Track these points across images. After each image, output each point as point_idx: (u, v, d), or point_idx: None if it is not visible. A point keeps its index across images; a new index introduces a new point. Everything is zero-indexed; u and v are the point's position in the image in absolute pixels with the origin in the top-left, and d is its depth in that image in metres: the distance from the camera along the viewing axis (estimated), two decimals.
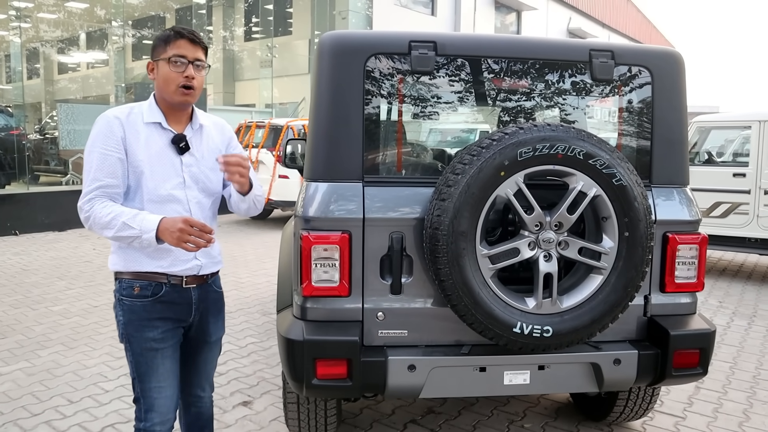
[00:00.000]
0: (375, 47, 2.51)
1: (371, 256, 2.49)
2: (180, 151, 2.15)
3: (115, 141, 2.06)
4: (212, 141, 2.26)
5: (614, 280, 2.37)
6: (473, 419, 3.47)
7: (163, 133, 2.14)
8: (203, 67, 2.14)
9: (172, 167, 2.13)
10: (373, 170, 2.56)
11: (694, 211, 2.71)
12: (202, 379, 2.42)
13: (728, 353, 4.68)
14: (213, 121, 2.33)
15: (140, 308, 2.14)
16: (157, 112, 2.15)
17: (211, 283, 2.31)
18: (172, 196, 2.12)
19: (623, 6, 34.82)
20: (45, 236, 9.52)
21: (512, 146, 2.24)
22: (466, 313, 2.30)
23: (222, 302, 2.40)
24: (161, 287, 2.15)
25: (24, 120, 12.99)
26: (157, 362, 2.17)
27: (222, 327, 2.42)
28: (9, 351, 4.51)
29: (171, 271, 2.14)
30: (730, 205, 6.93)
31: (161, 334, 2.16)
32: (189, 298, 2.21)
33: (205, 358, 2.39)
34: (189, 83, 2.09)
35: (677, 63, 2.73)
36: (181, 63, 2.08)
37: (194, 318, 2.26)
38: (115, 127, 2.07)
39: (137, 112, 2.14)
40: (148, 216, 2.02)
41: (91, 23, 19.09)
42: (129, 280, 2.15)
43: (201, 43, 2.13)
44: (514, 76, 2.73)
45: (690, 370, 2.63)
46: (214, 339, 2.39)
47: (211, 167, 2.21)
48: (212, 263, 2.26)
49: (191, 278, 2.20)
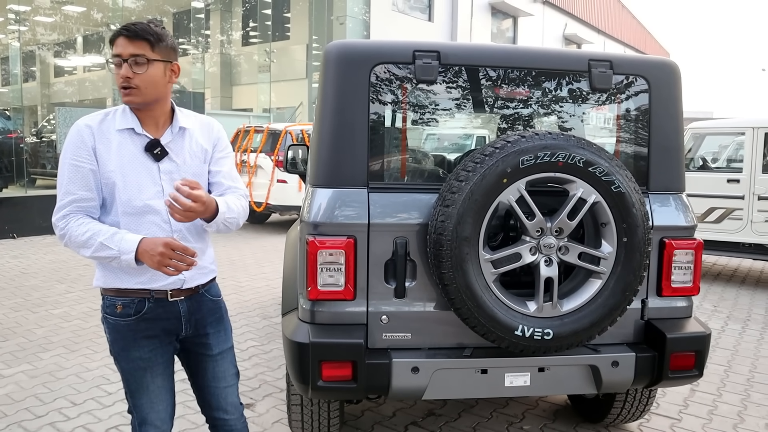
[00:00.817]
0: (380, 56, 2.57)
1: (376, 260, 2.54)
2: (156, 157, 1.99)
3: (86, 151, 1.94)
4: (195, 144, 2.09)
5: (613, 285, 2.44)
6: (473, 421, 3.53)
7: (137, 139, 1.99)
8: (142, 63, 1.92)
9: (148, 176, 1.98)
10: (378, 177, 2.61)
11: (690, 217, 2.78)
12: (220, 399, 2.23)
13: (723, 356, 4.75)
14: (200, 121, 2.15)
15: (124, 327, 2.03)
16: (130, 117, 1.99)
17: (204, 293, 2.16)
18: (149, 207, 1.98)
19: (619, 13, 35.06)
20: (43, 239, 9.55)
21: (514, 154, 2.30)
22: (469, 317, 2.36)
23: (221, 311, 2.23)
24: (144, 303, 2.02)
25: (21, 123, 13.01)
26: (146, 380, 2.07)
27: (225, 338, 2.23)
28: (11, 354, 4.55)
29: (152, 286, 2.01)
30: (725, 210, 7.01)
31: (149, 353, 2.06)
32: (177, 311, 2.08)
33: (214, 374, 2.21)
34: (125, 83, 1.91)
35: (673, 73, 2.80)
36: (118, 63, 1.93)
37: (187, 331, 2.12)
38: (86, 136, 1.95)
39: (111, 119, 2.00)
40: (126, 236, 1.91)
41: (88, 27, 19.13)
42: (111, 298, 2.03)
43: (139, 36, 1.91)
44: (515, 85, 2.80)
45: (686, 372, 2.69)
46: (217, 351, 2.20)
47: (195, 173, 2.06)
48: (200, 275, 2.11)
49: (176, 291, 2.06)
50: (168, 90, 2.04)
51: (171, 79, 2.02)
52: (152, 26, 1.95)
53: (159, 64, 1.96)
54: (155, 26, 1.96)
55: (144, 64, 1.92)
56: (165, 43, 1.98)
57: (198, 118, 2.17)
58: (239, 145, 10.60)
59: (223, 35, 20.51)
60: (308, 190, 2.66)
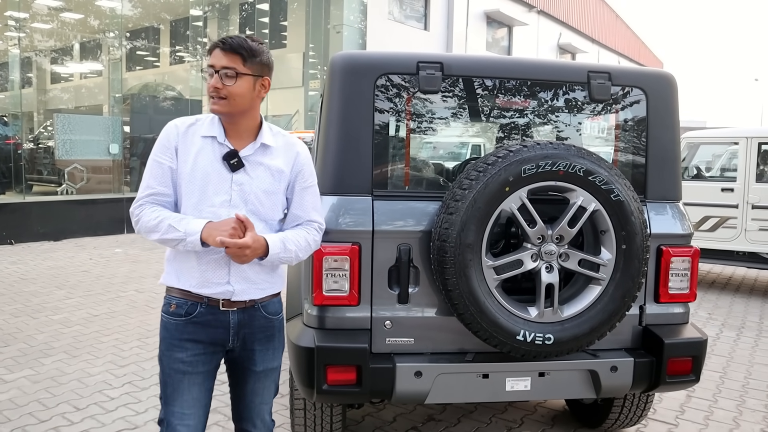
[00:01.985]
0: (384, 67, 2.63)
1: (380, 266, 2.59)
2: (231, 167, 2.03)
3: (169, 150, 2.04)
4: (275, 162, 2.09)
5: (612, 291, 2.50)
6: (472, 426, 3.57)
7: (218, 147, 2.04)
8: (232, 75, 1.97)
9: (220, 184, 2.02)
10: (382, 185, 2.67)
11: (686, 225, 2.85)
12: (253, 413, 2.24)
13: (718, 363, 4.81)
14: (286, 141, 2.15)
15: (173, 326, 2.07)
16: (217, 126, 2.06)
17: (260, 308, 2.14)
18: (214, 214, 2.01)
19: (613, 23, 35.33)
20: (41, 245, 9.56)
21: (517, 163, 2.36)
22: (471, 322, 2.41)
23: (274, 330, 2.20)
24: (196, 307, 2.05)
25: (19, 129, 13.03)
26: (183, 386, 2.07)
27: (273, 357, 2.22)
28: (13, 359, 4.57)
29: (202, 292, 2.04)
30: (719, 219, 7.09)
31: (191, 357, 2.07)
32: (227, 321, 2.08)
33: (253, 389, 2.21)
34: (213, 93, 1.99)
35: (670, 84, 2.87)
36: (210, 73, 2.00)
37: (234, 343, 2.12)
38: (172, 136, 2.05)
39: (199, 125, 2.08)
40: (193, 220, 1.98)
41: (85, 34, 19.15)
42: (169, 297, 2.10)
43: (232, 50, 1.97)
44: (516, 96, 2.86)
45: (683, 377, 2.75)
46: (261, 369, 2.19)
47: (266, 190, 2.07)
48: (255, 289, 2.10)
49: (228, 302, 2.07)
50: (256, 104, 2.08)
51: (260, 94, 2.06)
52: (248, 41, 2.00)
53: (249, 77, 2.00)
54: (252, 41, 2.02)
55: (233, 77, 1.98)
56: (258, 59, 2.02)
57: (285, 139, 2.16)
58: None
59: None
60: None
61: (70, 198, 11.16)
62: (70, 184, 11.54)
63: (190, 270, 2.05)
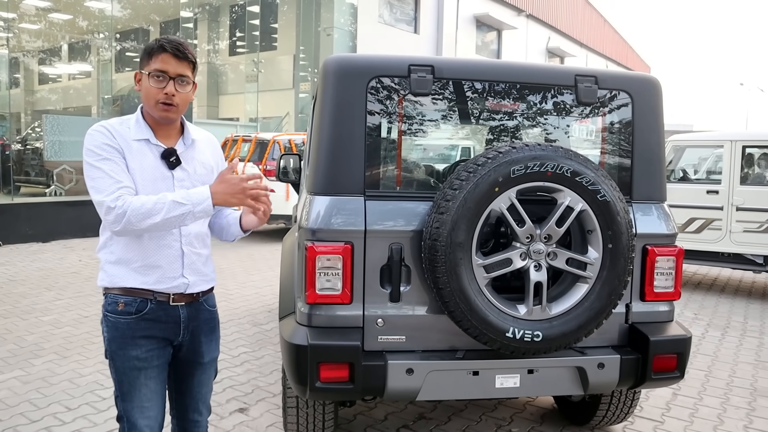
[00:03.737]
0: (377, 70, 2.68)
1: (372, 265, 2.64)
2: (171, 165, 2.08)
3: (116, 151, 2.00)
4: (204, 155, 2.20)
5: (599, 289, 2.56)
6: (463, 424, 3.62)
7: (154, 148, 2.07)
8: (187, 83, 2.04)
9: (164, 183, 2.06)
10: (374, 185, 2.71)
11: (671, 225, 2.91)
12: (198, 402, 2.32)
13: (703, 362, 4.89)
14: (204, 135, 2.26)
15: (124, 325, 2.06)
16: (145, 128, 2.07)
17: (203, 302, 2.22)
18: None
19: (601, 27, 35.60)
20: (29, 247, 9.52)
21: (506, 164, 2.41)
22: (462, 319, 2.46)
23: (215, 322, 2.30)
24: (146, 304, 2.07)
25: (7, 130, 12.96)
26: (140, 382, 2.09)
27: (216, 348, 2.32)
28: (3, 360, 4.57)
29: (157, 288, 2.07)
30: (704, 221, 7.19)
31: (146, 353, 2.09)
32: (177, 316, 2.13)
33: (200, 380, 2.29)
34: (168, 100, 2.00)
35: (655, 88, 2.94)
36: (162, 78, 1.99)
37: (184, 337, 2.17)
38: (110, 138, 2.01)
39: (126, 127, 2.06)
40: (192, 190, 1.99)
41: (74, 34, 19.06)
42: (114, 296, 2.08)
43: (186, 58, 2.02)
44: (506, 98, 2.92)
45: (668, 374, 2.81)
46: (208, 360, 2.28)
47: (203, 182, 2.12)
48: (202, 281, 2.18)
49: (179, 296, 2.11)
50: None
51: (192, 97, 2.12)
52: (189, 48, 2.05)
53: (193, 84, 2.08)
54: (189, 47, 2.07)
55: (187, 84, 2.04)
56: (197, 65, 2.10)
57: (202, 133, 2.26)
58: (227, 154, 10.66)
59: (210, 45, 20.56)
60: (306, 198, 2.75)
61: (58, 199, 11.11)
62: (58, 186, 11.50)
63: (142, 268, 2.05)
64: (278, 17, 19.77)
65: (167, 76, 2.00)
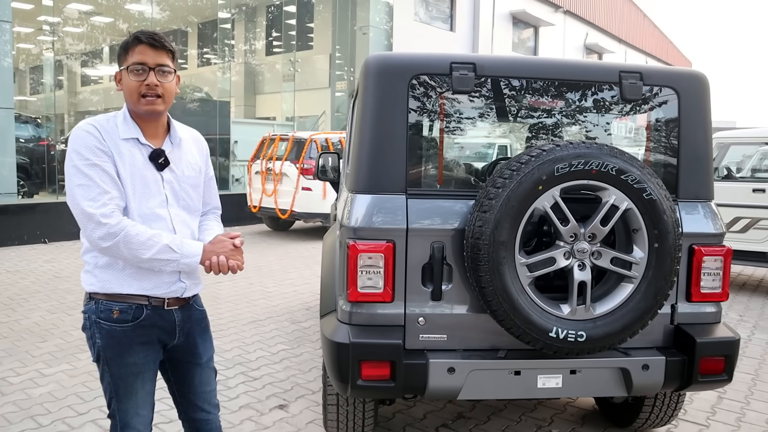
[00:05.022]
0: (418, 68, 2.67)
1: (413, 264, 2.64)
2: (159, 167, 2.03)
3: (105, 154, 1.94)
4: (191, 155, 2.16)
5: (644, 289, 2.51)
6: (502, 424, 3.60)
7: (142, 148, 2.01)
8: (169, 72, 1.98)
9: (154, 184, 2.02)
10: (416, 183, 2.71)
11: (718, 224, 2.84)
12: (205, 402, 2.31)
13: (750, 365, 4.77)
14: (191, 134, 2.22)
15: (120, 333, 2.02)
16: (133, 127, 2.01)
17: (193, 303, 2.21)
18: (155, 215, 2.02)
19: (640, 22, 34.95)
20: (73, 244, 9.76)
21: (550, 162, 2.39)
22: (505, 318, 2.44)
23: (206, 321, 2.30)
24: (142, 310, 2.03)
25: (52, 131, 13.31)
26: (137, 386, 2.08)
27: (211, 347, 2.32)
28: (50, 354, 4.69)
29: (154, 293, 2.04)
30: (750, 220, 7.01)
31: (143, 359, 2.07)
32: (172, 320, 2.11)
33: (201, 380, 2.28)
34: (151, 91, 1.94)
35: (702, 84, 2.87)
36: (142, 71, 1.94)
37: (179, 339, 2.16)
38: (99, 138, 1.94)
39: (113, 126, 1.99)
40: (186, 241, 2.01)
41: (115, 37, 19.47)
42: (106, 302, 2.02)
43: (164, 47, 1.97)
44: (548, 96, 2.89)
45: (715, 377, 2.74)
46: (205, 359, 2.28)
47: (192, 184, 2.13)
48: (195, 285, 2.17)
49: (173, 300, 2.10)
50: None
51: (177, 89, 2.07)
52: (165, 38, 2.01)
53: (174, 74, 2.03)
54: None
55: (169, 74, 1.99)
56: (176, 54, 2.06)
57: (189, 131, 2.23)
58: (264, 153, 10.77)
59: (247, 45, 20.79)
60: (347, 196, 2.76)
61: None
62: None
63: (137, 272, 2.01)
64: (314, 17, 19.89)
65: (147, 67, 1.95)
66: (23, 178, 11.06)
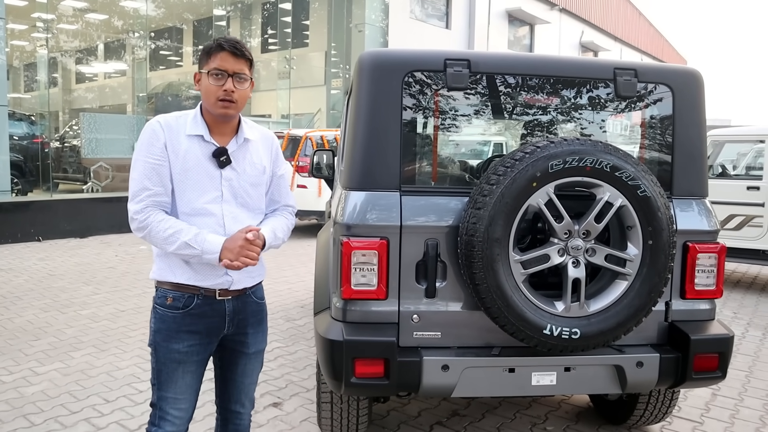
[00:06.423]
0: (412, 65, 2.66)
1: (407, 261, 2.62)
2: (221, 164, 2.11)
3: (160, 148, 2.06)
4: (257, 155, 2.22)
5: (638, 286, 2.51)
6: (497, 421, 3.59)
7: (205, 145, 2.11)
8: (245, 79, 2.10)
9: (210, 181, 2.10)
10: (410, 180, 2.70)
11: (713, 221, 2.84)
12: (242, 394, 2.36)
13: (744, 362, 4.78)
14: (261, 133, 2.29)
15: (170, 319, 2.13)
16: (201, 124, 2.11)
17: (251, 294, 2.27)
18: (206, 210, 2.10)
19: (635, 20, 34.99)
20: (67, 242, 9.73)
21: (544, 159, 2.38)
22: (499, 316, 2.43)
23: (263, 314, 2.35)
24: (193, 299, 2.13)
25: (46, 128, 13.26)
26: (177, 375, 2.15)
27: (263, 340, 2.36)
28: (43, 352, 4.67)
29: (202, 284, 2.13)
30: (744, 217, 7.02)
31: (187, 348, 2.15)
32: (222, 310, 2.18)
33: (243, 370, 2.33)
34: (228, 97, 2.06)
35: (697, 81, 2.87)
36: (221, 76, 2.05)
37: (228, 329, 2.22)
38: (159, 135, 2.07)
39: (182, 123, 2.11)
40: (209, 237, 2.04)
41: (109, 34, 19.40)
42: (164, 290, 2.15)
43: (244, 56, 2.08)
44: (542, 93, 2.88)
45: (709, 374, 2.74)
46: (254, 351, 2.32)
47: (252, 183, 2.19)
48: (248, 277, 2.21)
49: (224, 291, 2.16)
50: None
51: (249, 95, 2.18)
52: (246, 46, 2.11)
53: (250, 81, 2.14)
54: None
55: (245, 81, 2.11)
56: (253, 62, 2.17)
57: (260, 131, 2.29)
58: None
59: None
60: (341, 193, 2.75)
61: (95, 196, 11.35)
62: (95, 182, 11.74)
63: (187, 264, 2.12)
64: (309, 14, 19.85)
65: (226, 73, 2.06)
66: (17, 176, 11.00)
